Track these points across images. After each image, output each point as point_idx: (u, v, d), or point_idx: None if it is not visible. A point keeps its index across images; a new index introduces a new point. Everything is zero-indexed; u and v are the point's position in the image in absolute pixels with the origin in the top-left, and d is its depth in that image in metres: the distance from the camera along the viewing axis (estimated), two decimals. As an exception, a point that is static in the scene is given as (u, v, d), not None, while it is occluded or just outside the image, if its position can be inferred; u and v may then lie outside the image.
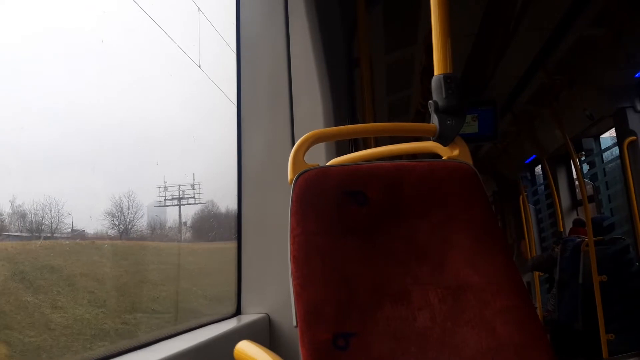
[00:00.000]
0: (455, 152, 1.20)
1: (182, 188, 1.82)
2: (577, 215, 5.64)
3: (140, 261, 1.77)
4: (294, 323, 0.98)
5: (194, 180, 1.85)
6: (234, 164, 1.86)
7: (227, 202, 2.03)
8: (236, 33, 1.90)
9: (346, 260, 1.04)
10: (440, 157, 1.21)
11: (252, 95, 1.87)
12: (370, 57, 2.68)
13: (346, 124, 1.86)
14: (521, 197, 6.22)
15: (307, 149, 1.13)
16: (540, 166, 6.28)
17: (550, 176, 5.34)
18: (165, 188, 1.75)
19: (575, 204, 5.84)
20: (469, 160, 1.18)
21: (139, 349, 1.29)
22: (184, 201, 1.83)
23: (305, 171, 1.08)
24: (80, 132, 1.40)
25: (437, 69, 1.18)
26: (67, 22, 1.30)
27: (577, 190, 5.76)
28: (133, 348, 1.29)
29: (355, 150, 1.53)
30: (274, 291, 1.78)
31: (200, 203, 1.90)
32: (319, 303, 0.99)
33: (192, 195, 1.86)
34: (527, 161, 6.54)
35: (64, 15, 1.31)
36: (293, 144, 1.16)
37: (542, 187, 6.48)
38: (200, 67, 1.81)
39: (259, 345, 1.02)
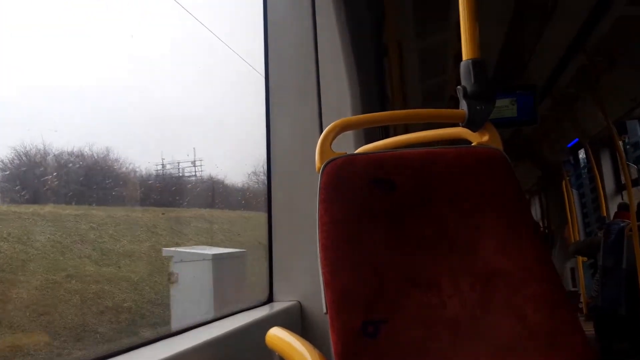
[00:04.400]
0: (485, 138, 1.18)
1: (182, 165, 1.78)
2: (622, 199, 5.48)
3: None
4: (324, 310, 0.98)
5: (194, 156, 1.82)
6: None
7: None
8: (263, 20, 1.90)
9: (374, 247, 1.04)
10: (470, 143, 1.20)
11: (280, 84, 1.88)
12: (400, 43, 2.65)
13: (375, 112, 1.86)
14: (564, 182, 6.09)
15: (335, 137, 1.13)
16: (583, 150, 6.12)
17: (593, 160, 5.20)
18: (163, 166, 1.70)
19: (620, 187, 5.68)
20: (499, 145, 1.16)
21: (174, 335, 1.32)
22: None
23: (333, 159, 1.08)
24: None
25: (465, 54, 1.16)
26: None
27: (621, 174, 5.59)
28: (168, 335, 1.32)
29: (386, 138, 1.52)
30: (305, 278, 1.79)
31: (201, 180, 1.88)
32: (347, 290, 0.99)
33: (193, 173, 1.82)
34: (570, 145, 6.38)
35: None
36: (321, 132, 1.16)
37: (585, 171, 6.32)
38: (243, 58, 1.80)
39: (290, 332, 1.03)
